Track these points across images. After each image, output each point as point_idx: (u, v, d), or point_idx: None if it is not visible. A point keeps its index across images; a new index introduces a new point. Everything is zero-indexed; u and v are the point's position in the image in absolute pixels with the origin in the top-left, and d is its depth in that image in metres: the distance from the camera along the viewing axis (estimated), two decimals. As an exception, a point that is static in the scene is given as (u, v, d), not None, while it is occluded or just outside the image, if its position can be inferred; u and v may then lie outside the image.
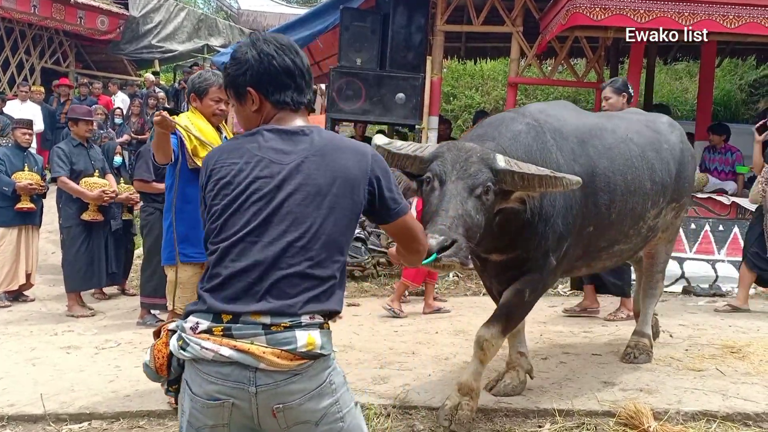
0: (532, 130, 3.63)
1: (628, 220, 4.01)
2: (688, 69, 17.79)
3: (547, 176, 3.12)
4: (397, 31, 8.89)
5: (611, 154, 3.88)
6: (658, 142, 4.33)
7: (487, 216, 3.17)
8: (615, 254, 4.28)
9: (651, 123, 4.53)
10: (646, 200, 4.10)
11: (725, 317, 6.62)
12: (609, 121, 4.16)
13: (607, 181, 3.80)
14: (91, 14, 16.17)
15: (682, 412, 3.90)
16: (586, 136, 3.82)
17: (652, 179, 4.13)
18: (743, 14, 7.45)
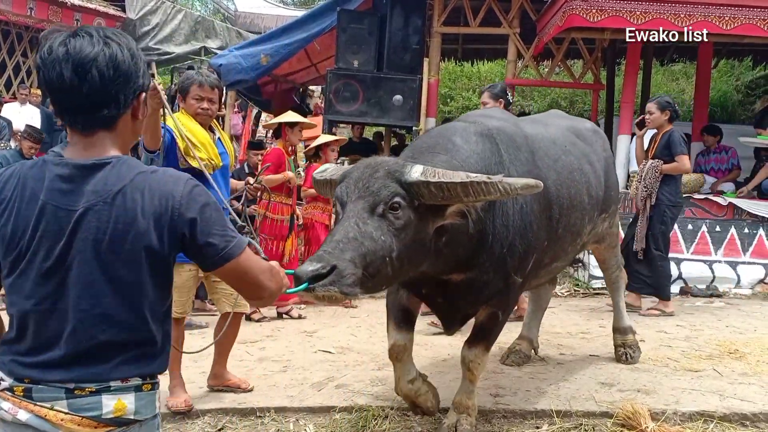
0: (486, 141, 3.28)
1: (569, 236, 3.84)
2: (684, 70, 17.85)
3: (474, 182, 2.68)
4: (394, 33, 8.89)
5: (557, 166, 3.66)
6: (590, 154, 4.18)
7: (407, 236, 2.73)
8: (551, 271, 4.16)
9: (579, 132, 4.34)
10: (584, 215, 3.92)
11: (722, 318, 6.63)
12: (547, 130, 3.92)
13: (556, 194, 3.56)
14: (88, 16, 16.15)
15: (680, 412, 3.92)
16: (535, 146, 3.56)
17: (589, 193, 3.95)
18: (739, 15, 7.48)
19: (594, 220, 4.12)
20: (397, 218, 2.69)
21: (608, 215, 4.47)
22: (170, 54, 17.99)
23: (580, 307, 7.16)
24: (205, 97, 4.09)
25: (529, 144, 3.52)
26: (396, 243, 2.68)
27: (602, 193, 4.20)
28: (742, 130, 13.07)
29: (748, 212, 7.96)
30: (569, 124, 4.35)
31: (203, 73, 4.26)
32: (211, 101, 4.12)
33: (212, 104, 4.13)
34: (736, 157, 9.03)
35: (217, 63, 10.50)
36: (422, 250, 2.86)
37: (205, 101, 4.09)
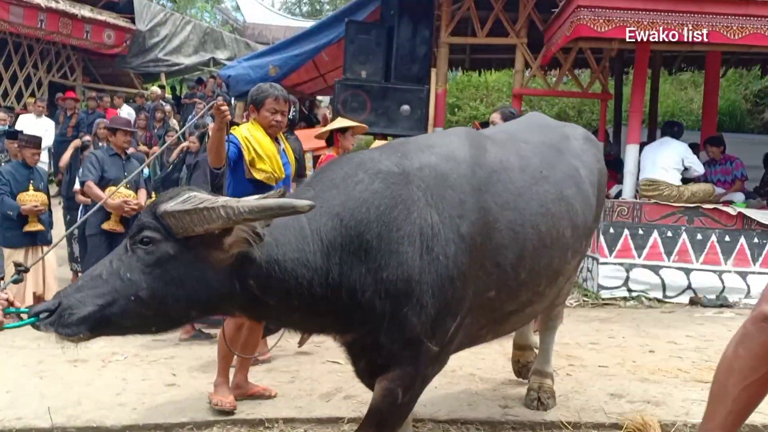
0: (384, 182, 2.64)
1: (543, 279, 3.16)
2: (692, 79, 17.81)
3: (198, 209, 2.28)
4: (402, 44, 8.94)
5: (520, 202, 2.97)
6: (578, 174, 3.44)
7: (167, 273, 2.37)
8: (527, 315, 3.44)
9: (564, 144, 3.59)
10: (565, 251, 3.24)
11: (732, 328, 6.57)
12: (516, 153, 3.18)
13: (513, 236, 2.88)
14: (98, 28, 16.31)
15: (690, 424, 3.88)
16: (485, 181, 2.87)
17: (574, 224, 3.24)
18: (747, 25, 7.47)
19: (582, 251, 3.52)
20: (148, 253, 2.36)
21: (577, 252, 3.63)
22: (179, 65, 18.13)
23: (589, 317, 7.13)
24: (279, 110, 4.19)
25: (476, 180, 2.83)
26: (147, 281, 2.35)
27: (592, 216, 3.56)
28: (750, 140, 13.07)
29: (758, 222, 7.92)
30: (552, 137, 3.60)
31: (277, 86, 4.32)
32: (283, 114, 4.22)
33: (284, 117, 4.24)
34: (740, 168, 8.99)
35: (226, 74, 10.60)
36: (209, 291, 2.42)
37: (279, 114, 4.19)
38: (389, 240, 2.54)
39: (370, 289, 2.55)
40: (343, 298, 2.54)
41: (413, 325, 2.61)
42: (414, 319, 2.60)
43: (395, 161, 2.75)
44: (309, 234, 2.51)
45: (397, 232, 2.55)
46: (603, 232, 8.04)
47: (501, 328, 3.34)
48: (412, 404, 2.98)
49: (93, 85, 17.58)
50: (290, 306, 2.53)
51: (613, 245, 8.05)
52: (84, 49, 16.77)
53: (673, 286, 7.99)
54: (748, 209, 8.04)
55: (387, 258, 2.54)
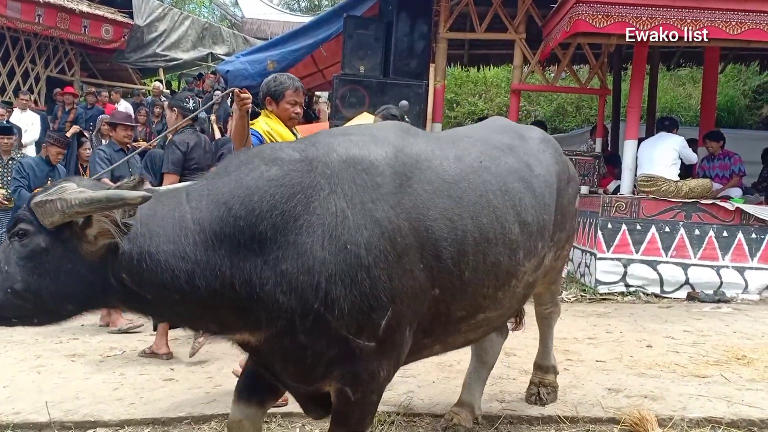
0: (282, 169, 2.48)
1: (491, 279, 2.88)
2: (691, 75, 17.81)
3: (44, 201, 2.24)
4: (400, 39, 8.93)
5: (455, 190, 2.74)
6: (527, 169, 3.20)
7: (40, 266, 2.29)
8: (481, 324, 3.08)
9: (516, 142, 3.36)
10: (515, 250, 2.96)
11: (730, 323, 6.60)
12: (454, 145, 2.99)
13: (451, 226, 2.66)
14: (96, 23, 16.25)
15: (687, 418, 3.90)
16: (411, 166, 2.67)
17: (522, 221, 2.99)
18: (746, 21, 7.48)
19: (539, 254, 3.19)
20: (22, 246, 2.30)
21: (554, 243, 3.48)
22: (178, 60, 18.09)
23: (587, 312, 7.14)
24: (298, 102, 4.21)
25: (400, 166, 2.64)
26: (22, 274, 2.29)
27: (549, 218, 3.27)
28: (749, 135, 13.08)
29: (756, 217, 7.93)
30: (502, 136, 3.37)
31: (294, 78, 4.31)
32: (301, 106, 4.26)
33: (302, 108, 4.29)
34: (738, 163, 9.01)
35: (224, 69, 10.58)
36: (84, 284, 2.33)
37: (298, 106, 4.21)
38: (286, 230, 2.37)
39: (270, 282, 2.37)
40: (238, 292, 2.37)
41: (328, 321, 2.42)
42: (328, 315, 2.41)
43: (299, 148, 2.60)
44: (190, 225, 2.35)
45: (294, 222, 2.38)
46: (601, 228, 8.05)
47: (452, 339, 3.05)
48: (373, 397, 2.75)
49: (91, 81, 17.55)
50: (171, 300, 2.37)
51: (611, 240, 8.06)
52: (82, 44, 16.71)
53: (671, 282, 8.00)
54: (746, 205, 8.05)
55: (285, 250, 2.37)
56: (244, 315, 2.43)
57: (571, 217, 3.67)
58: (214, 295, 2.36)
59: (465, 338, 3.16)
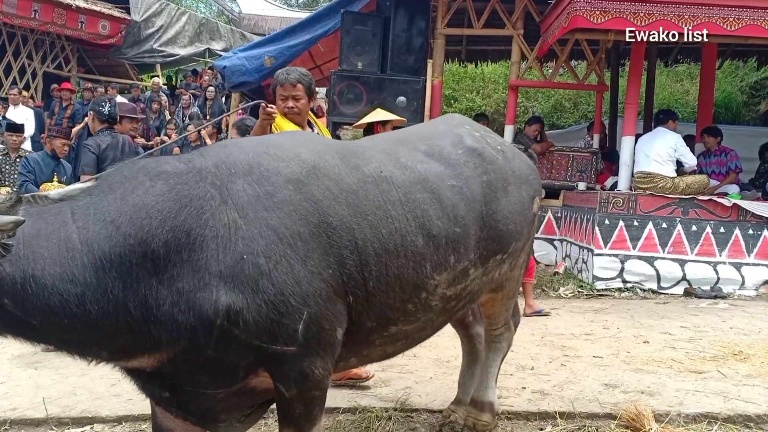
0: (167, 183, 2.34)
1: (396, 291, 2.75)
2: (689, 71, 17.81)
3: None
4: (398, 35, 8.92)
5: (353, 198, 2.64)
6: (438, 178, 2.98)
7: None
8: (397, 337, 2.94)
9: (436, 150, 3.14)
10: (421, 263, 2.81)
11: (727, 319, 6.61)
12: (356, 154, 2.85)
13: (350, 234, 2.57)
14: (93, 19, 16.22)
15: (684, 414, 3.91)
16: (307, 174, 2.57)
17: (427, 233, 2.82)
18: (743, 16, 7.48)
19: (457, 267, 2.96)
20: None
21: (508, 255, 3.28)
22: (175, 56, 18.06)
23: (584, 308, 7.15)
24: (288, 96, 4.08)
25: (292, 172, 2.54)
26: None
27: (468, 230, 3.00)
28: (746, 131, 13.10)
29: (753, 213, 7.94)
30: (427, 143, 3.19)
31: (286, 71, 4.20)
32: (296, 99, 4.09)
33: (297, 101, 4.10)
34: (734, 160, 9.03)
35: (222, 65, 10.55)
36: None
37: (290, 100, 4.09)
38: (179, 247, 2.25)
39: (167, 302, 2.24)
40: (134, 314, 2.23)
41: (235, 335, 2.31)
42: (233, 328, 2.30)
43: (186, 159, 2.47)
44: (78, 245, 2.19)
45: (187, 236, 2.26)
46: (598, 224, 8.06)
47: (367, 351, 2.94)
48: (314, 392, 2.60)
49: (88, 76, 17.52)
50: (61, 326, 2.20)
51: (608, 236, 8.07)
52: (79, 39, 16.69)
53: (668, 278, 8.02)
54: (742, 201, 8.07)
55: (179, 267, 2.25)
56: (141, 338, 2.28)
57: (524, 226, 3.38)
58: (107, 318, 2.21)
59: (382, 351, 3.03)
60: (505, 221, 3.20)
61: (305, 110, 4.19)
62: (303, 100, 4.13)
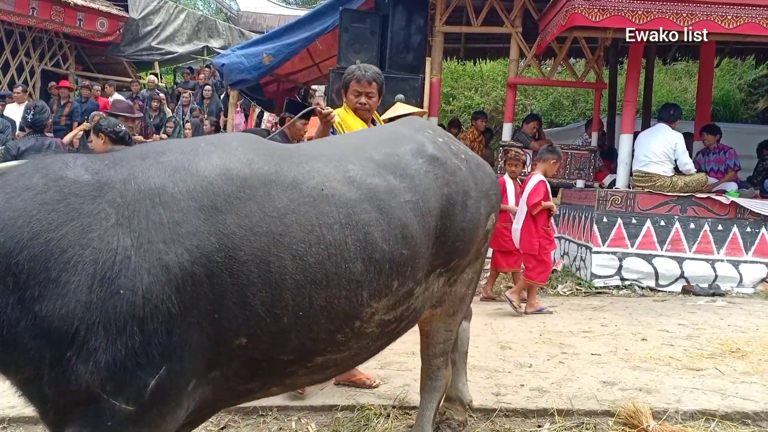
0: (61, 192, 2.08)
1: (322, 323, 2.45)
2: (687, 69, 17.82)
3: None
4: (397, 33, 8.92)
5: (278, 225, 2.31)
6: (389, 194, 2.66)
7: None
8: (326, 366, 2.64)
9: (395, 161, 2.82)
10: (356, 291, 2.50)
11: (725, 317, 6.62)
12: (300, 166, 2.51)
13: (265, 269, 2.26)
14: (91, 16, 16.20)
15: (681, 411, 3.92)
16: (229, 198, 2.24)
17: (368, 258, 2.51)
18: (742, 14, 7.48)
19: (393, 292, 2.64)
20: None
21: (448, 270, 3.02)
22: (173, 53, 18.06)
23: (582, 306, 7.16)
24: (363, 92, 4.14)
25: (211, 196, 2.22)
26: None
27: (408, 252, 2.65)
28: (744, 129, 13.11)
29: (751, 211, 7.95)
30: (384, 150, 2.87)
31: (363, 67, 4.24)
32: (369, 96, 4.16)
33: (370, 98, 4.18)
34: (733, 157, 9.04)
35: (220, 62, 10.55)
36: None
37: (363, 96, 4.14)
38: (48, 265, 1.96)
39: (20, 324, 1.97)
40: None
41: (80, 374, 2.00)
42: (81, 366, 2.00)
43: (96, 169, 2.17)
44: None
45: (61, 255, 1.97)
46: (596, 221, 8.07)
47: (290, 381, 2.64)
48: None
49: (86, 74, 17.50)
50: None
51: (606, 234, 8.07)
52: (77, 37, 16.67)
53: (666, 275, 8.03)
54: (741, 198, 8.07)
55: (44, 288, 1.97)
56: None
57: (478, 240, 3.14)
58: None
59: (310, 379, 2.75)
60: (455, 237, 2.94)
61: (374, 108, 4.28)
62: (375, 98, 4.22)
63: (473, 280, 3.34)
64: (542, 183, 6.79)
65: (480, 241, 3.18)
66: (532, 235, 6.82)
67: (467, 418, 3.81)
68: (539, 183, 6.78)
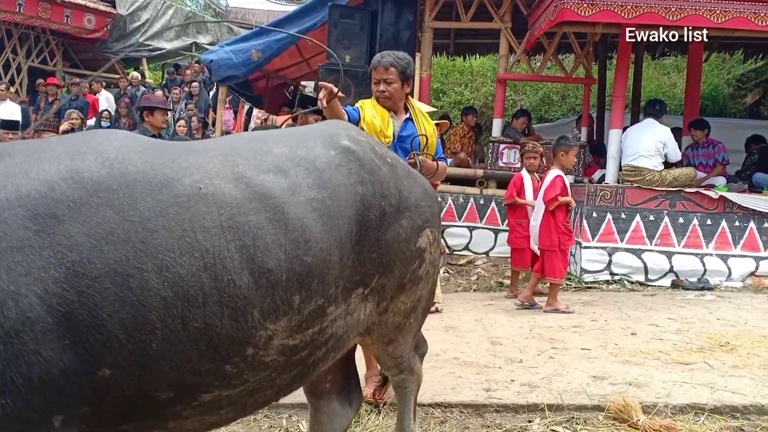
0: None
1: (202, 350, 2.02)
2: (676, 64, 17.88)
3: None
4: (386, 28, 8.90)
5: (140, 231, 1.93)
6: (287, 191, 2.23)
7: None
8: (218, 405, 2.16)
9: (295, 150, 2.38)
10: (244, 309, 2.07)
11: (713, 311, 6.66)
12: (176, 161, 2.11)
13: (123, 284, 1.89)
14: (78, 13, 16.10)
15: (671, 405, 3.93)
16: (73, 204, 1.89)
17: (259, 267, 2.08)
18: (730, 9, 7.50)
19: (295, 309, 2.19)
20: None
21: (371, 291, 2.47)
22: (161, 50, 17.98)
23: (572, 300, 7.17)
24: (380, 79, 4.00)
25: (50, 202, 1.87)
26: None
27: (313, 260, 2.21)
28: (733, 124, 13.17)
29: (739, 205, 8.00)
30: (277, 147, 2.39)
31: (382, 53, 4.11)
32: (387, 82, 3.99)
33: (389, 85, 4.00)
34: (721, 152, 9.08)
35: (208, 59, 10.50)
36: None
37: (382, 83, 4.00)
38: None
39: None
40: None
41: None
42: None
43: None
44: None
45: None
46: (586, 217, 8.09)
47: (175, 424, 2.14)
48: None
49: (73, 71, 17.38)
50: None
51: (596, 229, 8.10)
52: (64, 33, 16.57)
53: (655, 270, 8.06)
54: (729, 193, 8.11)
55: None
56: None
57: (405, 258, 2.56)
58: None
59: (200, 421, 2.20)
60: (371, 247, 2.43)
61: (397, 95, 4.04)
62: (395, 84, 4.00)
63: (415, 310, 2.74)
64: (559, 178, 6.68)
65: (409, 261, 2.58)
66: (552, 230, 6.70)
67: None
68: (556, 178, 6.67)
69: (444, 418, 3.90)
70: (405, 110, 4.12)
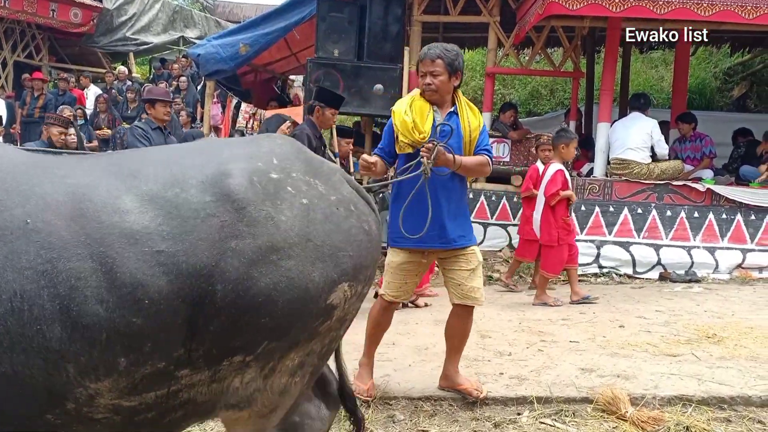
0: None
1: (15, 398, 1.84)
2: (663, 57, 17.95)
3: None
4: (375, 22, 8.87)
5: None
6: (127, 239, 1.88)
7: None
8: None
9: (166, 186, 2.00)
10: (56, 363, 1.82)
11: (701, 303, 6.70)
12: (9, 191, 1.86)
13: None
14: (64, 7, 15.95)
15: (659, 397, 3.96)
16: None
17: (72, 321, 1.81)
18: (717, 2, 7.52)
19: (127, 371, 1.90)
20: None
21: (255, 358, 2.10)
22: (148, 44, 17.84)
23: (561, 293, 7.20)
24: (426, 72, 3.84)
25: None
26: None
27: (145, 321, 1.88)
28: (720, 117, 13.24)
29: (726, 198, 8.05)
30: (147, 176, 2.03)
31: (431, 46, 3.94)
32: (434, 75, 3.81)
33: (435, 77, 3.81)
34: (709, 145, 9.14)
35: (196, 53, 10.44)
36: None
37: (428, 76, 3.84)
38: None
39: None
40: None
41: None
42: None
43: None
44: None
45: None
46: (574, 210, 8.11)
47: None
48: None
49: (59, 65, 17.23)
50: None
51: (584, 222, 8.13)
52: (50, 28, 16.40)
53: (643, 262, 8.11)
54: (716, 186, 8.17)
55: None
56: None
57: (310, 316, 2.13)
58: None
59: None
60: (253, 309, 2.00)
61: (444, 88, 3.86)
62: (441, 76, 3.81)
63: (304, 365, 2.29)
64: (560, 172, 6.69)
65: (312, 319, 2.16)
66: (551, 225, 6.74)
67: None
68: (557, 172, 6.68)
69: (434, 411, 3.91)
70: (452, 104, 3.97)
